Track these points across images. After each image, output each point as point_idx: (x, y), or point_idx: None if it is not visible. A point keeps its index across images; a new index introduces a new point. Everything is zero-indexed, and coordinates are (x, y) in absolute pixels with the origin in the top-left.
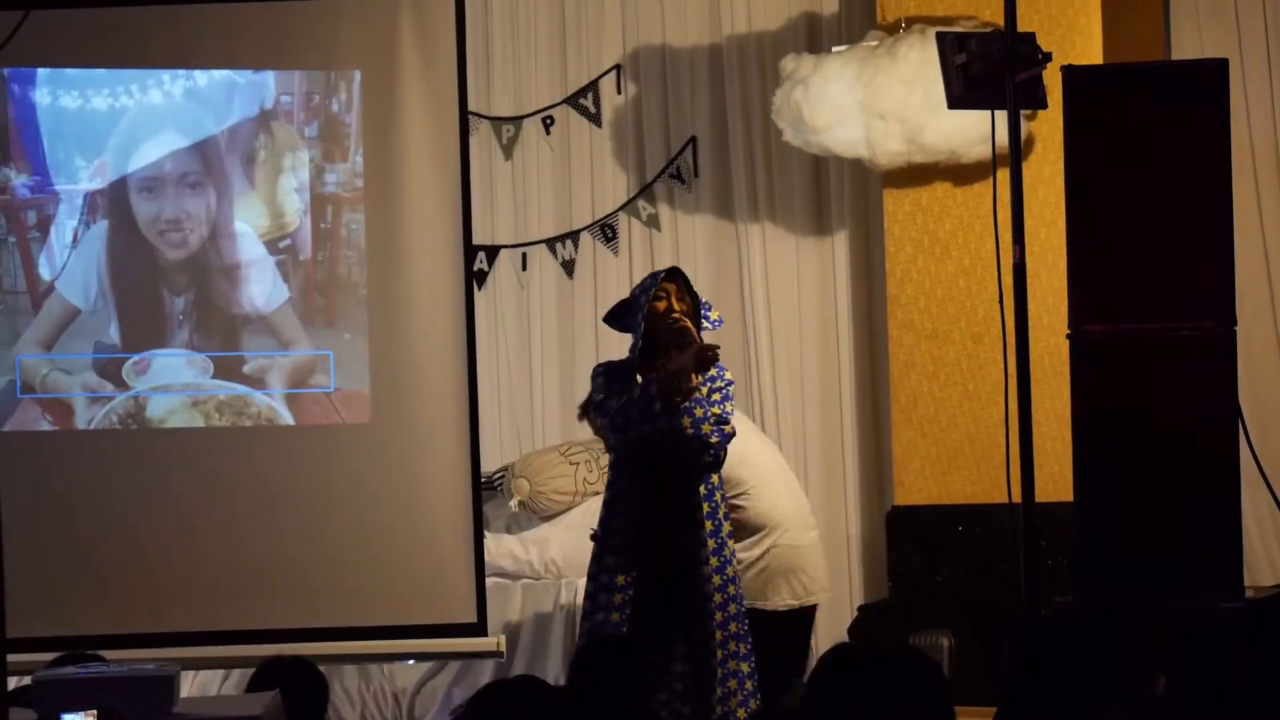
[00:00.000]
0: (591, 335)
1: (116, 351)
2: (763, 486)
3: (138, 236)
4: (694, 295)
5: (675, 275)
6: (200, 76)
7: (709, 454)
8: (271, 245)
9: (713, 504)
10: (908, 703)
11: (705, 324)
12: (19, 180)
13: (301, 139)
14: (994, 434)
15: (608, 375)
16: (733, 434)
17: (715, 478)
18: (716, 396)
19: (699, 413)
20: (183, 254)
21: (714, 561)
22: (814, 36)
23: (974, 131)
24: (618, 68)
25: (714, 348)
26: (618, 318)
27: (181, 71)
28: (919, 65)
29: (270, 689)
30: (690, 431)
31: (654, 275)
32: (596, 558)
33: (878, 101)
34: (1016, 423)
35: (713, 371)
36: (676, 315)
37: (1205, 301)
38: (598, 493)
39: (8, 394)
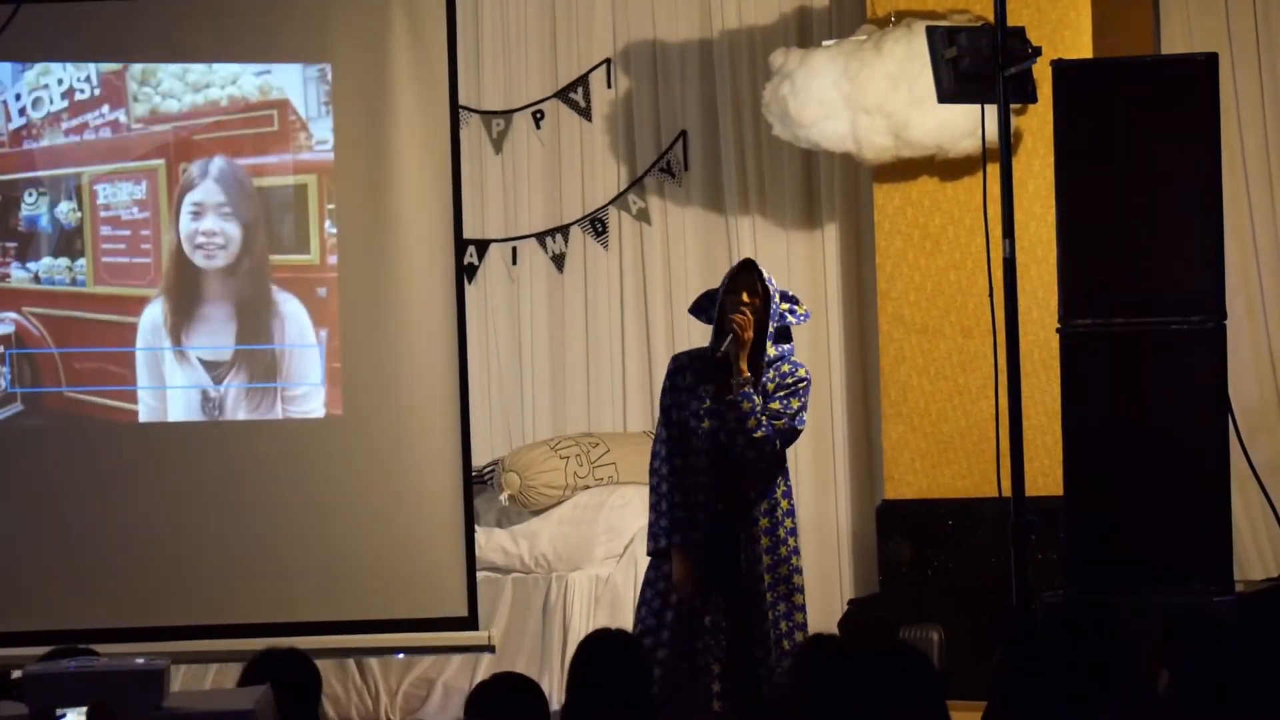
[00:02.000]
0: (581, 329)
1: (107, 345)
2: None
3: (125, 230)
4: (765, 288)
5: (749, 267)
6: (186, 67)
7: (752, 450)
8: (260, 238)
9: (771, 500)
10: (901, 697)
11: (790, 318)
12: (4, 176)
13: (291, 132)
14: (984, 428)
15: (683, 366)
16: (790, 430)
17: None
18: (782, 392)
19: (745, 406)
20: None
21: (766, 560)
22: (805, 30)
23: (959, 126)
24: (607, 61)
25: (732, 338)
26: (702, 309)
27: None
28: (904, 60)
29: (263, 681)
30: (732, 424)
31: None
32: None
33: (862, 96)
34: (1006, 417)
35: (785, 367)
36: (744, 308)
37: (1195, 296)
38: (587, 486)
39: None
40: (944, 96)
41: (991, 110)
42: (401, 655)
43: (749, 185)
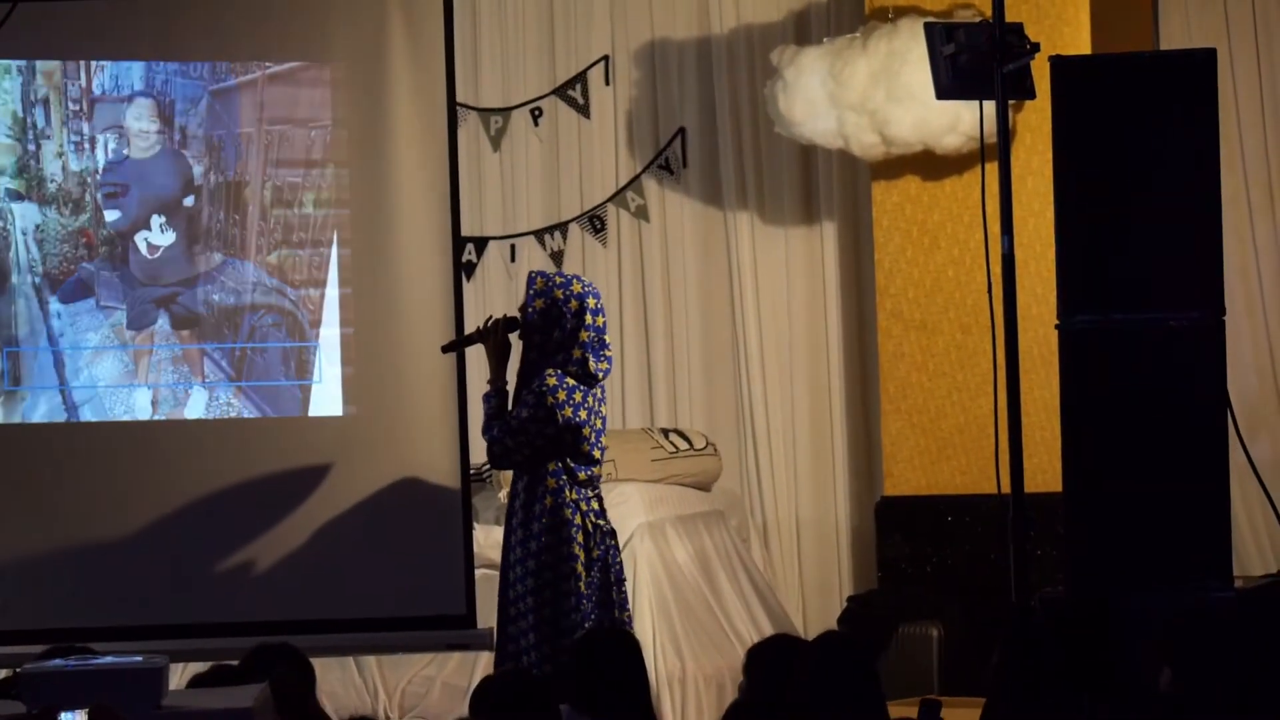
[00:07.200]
0: None
1: (101, 344)
2: None
3: (121, 228)
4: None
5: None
6: (184, 64)
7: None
8: (259, 236)
9: (527, 498)
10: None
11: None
12: None
13: (289, 129)
14: (983, 424)
15: None
16: (493, 435)
17: (556, 479)
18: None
19: (485, 411)
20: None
21: (517, 552)
22: (804, 28)
23: (939, 123)
24: (606, 59)
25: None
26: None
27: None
28: (886, 58)
29: (256, 675)
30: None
31: None
32: None
33: (846, 94)
34: (1005, 413)
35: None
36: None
37: (1193, 292)
38: None
39: None
40: (942, 93)
41: (989, 107)
42: (400, 654)
43: (747, 182)
